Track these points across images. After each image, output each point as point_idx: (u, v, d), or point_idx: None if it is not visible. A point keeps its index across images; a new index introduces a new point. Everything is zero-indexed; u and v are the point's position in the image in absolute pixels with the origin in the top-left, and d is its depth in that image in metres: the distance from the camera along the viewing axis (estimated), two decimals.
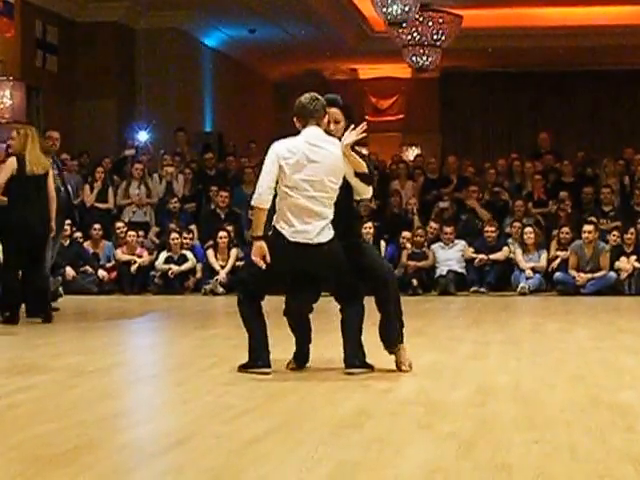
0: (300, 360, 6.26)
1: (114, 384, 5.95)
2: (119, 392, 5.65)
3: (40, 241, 9.41)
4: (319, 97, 6.03)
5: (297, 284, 6.16)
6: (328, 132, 6.05)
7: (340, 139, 5.99)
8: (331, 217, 5.95)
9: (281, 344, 6.32)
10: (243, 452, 3.96)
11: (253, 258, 5.99)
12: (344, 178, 5.99)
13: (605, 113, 22.38)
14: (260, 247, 5.94)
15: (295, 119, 6.07)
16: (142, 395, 5.72)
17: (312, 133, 5.97)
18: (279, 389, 5.52)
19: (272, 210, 6.03)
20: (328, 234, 5.94)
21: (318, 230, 5.90)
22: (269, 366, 6.00)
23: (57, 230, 9.97)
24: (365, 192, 6.13)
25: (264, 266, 5.93)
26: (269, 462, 3.81)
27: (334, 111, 6.10)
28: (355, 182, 6.02)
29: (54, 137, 10.42)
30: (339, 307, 6.14)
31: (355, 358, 5.98)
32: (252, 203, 6.02)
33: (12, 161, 9.43)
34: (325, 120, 6.03)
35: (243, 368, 6.06)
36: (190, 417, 4.77)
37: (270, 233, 6.03)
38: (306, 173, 5.89)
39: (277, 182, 5.95)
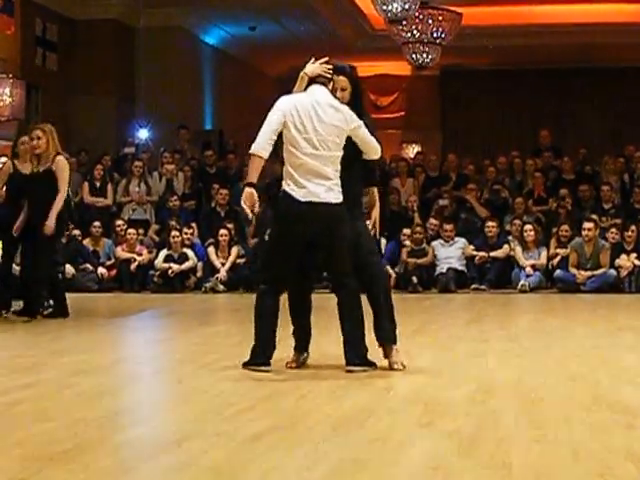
0: (301, 348, 6.20)
1: (114, 382, 5.94)
2: (119, 390, 5.65)
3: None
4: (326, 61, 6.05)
5: (303, 259, 6.02)
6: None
7: (346, 104, 6.01)
8: (338, 179, 5.89)
9: (280, 342, 6.30)
10: (244, 450, 3.96)
11: (242, 204, 6.00)
12: (352, 143, 5.96)
13: (605, 110, 22.37)
14: (251, 193, 5.95)
15: (299, 81, 6.08)
16: (143, 393, 5.72)
17: (318, 92, 5.97)
18: (280, 387, 5.51)
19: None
20: (338, 196, 5.87)
21: (326, 189, 5.84)
22: (269, 364, 5.95)
23: (60, 229, 9.96)
24: (374, 151, 6.10)
25: (250, 215, 6.00)
26: (270, 460, 3.81)
27: (341, 79, 6.11)
28: (362, 139, 6.00)
29: None
30: (335, 291, 6.06)
31: (355, 356, 5.93)
32: (250, 151, 5.95)
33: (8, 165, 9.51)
34: (330, 86, 6.04)
35: (245, 365, 6.01)
36: (191, 415, 4.77)
37: (280, 196, 5.98)
38: (312, 131, 5.85)
39: (282, 143, 5.88)
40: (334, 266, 6.04)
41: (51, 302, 10.49)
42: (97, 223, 14.11)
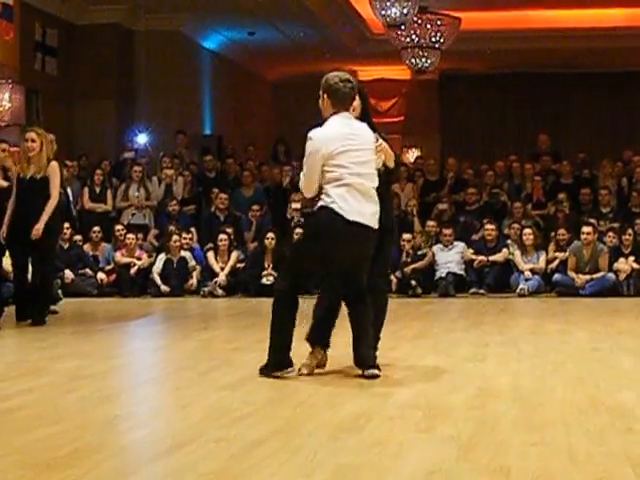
0: (325, 345, 6.18)
1: (114, 387, 5.95)
2: (119, 395, 5.65)
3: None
4: (351, 78, 6.01)
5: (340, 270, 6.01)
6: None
7: (356, 118, 6.05)
8: (377, 203, 5.92)
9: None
10: (243, 456, 3.96)
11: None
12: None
13: (603, 115, 22.39)
14: None
15: (325, 99, 6.00)
16: (141, 398, 5.72)
17: (346, 118, 5.95)
18: (279, 393, 5.52)
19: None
20: (377, 221, 5.91)
21: (371, 212, 5.88)
22: (292, 365, 5.92)
23: (56, 234, 9.97)
24: (391, 159, 6.22)
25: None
26: (269, 466, 3.82)
27: None
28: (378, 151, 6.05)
29: (49, 139, 10.37)
30: (347, 307, 6.04)
31: (371, 358, 5.90)
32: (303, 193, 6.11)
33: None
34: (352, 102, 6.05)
35: (265, 373, 5.92)
36: (189, 421, 4.77)
37: (321, 215, 5.92)
38: (353, 155, 5.85)
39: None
40: (358, 285, 6.00)
41: (55, 308, 10.54)
42: (96, 228, 14.11)
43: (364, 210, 5.84)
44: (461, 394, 5.37)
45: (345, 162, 5.83)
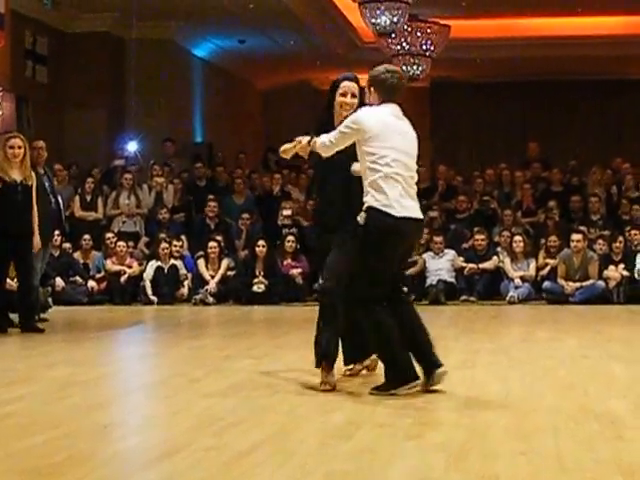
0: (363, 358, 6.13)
1: (104, 395, 5.95)
2: (109, 403, 5.65)
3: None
4: (398, 70, 5.89)
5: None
6: (345, 104, 6.05)
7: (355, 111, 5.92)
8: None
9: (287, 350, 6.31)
10: (233, 464, 3.97)
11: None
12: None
13: (593, 123, 22.45)
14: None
15: (372, 93, 5.83)
16: (132, 406, 5.72)
17: (394, 108, 5.78)
18: (269, 401, 5.52)
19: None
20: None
21: (417, 205, 5.75)
22: (418, 377, 5.62)
23: (46, 241, 9.98)
24: None
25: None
26: (259, 474, 3.82)
27: (354, 85, 6.15)
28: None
29: (39, 147, 10.36)
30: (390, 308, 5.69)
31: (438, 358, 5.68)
32: (315, 147, 5.75)
33: None
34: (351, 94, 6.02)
35: (385, 390, 5.57)
36: (180, 429, 4.77)
37: (365, 217, 5.57)
38: (399, 144, 5.67)
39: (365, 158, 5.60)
40: (397, 281, 5.84)
41: (45, 316, 10.54)
42: (87, 236, 14.10)
43: (410, 203, 5.70)
44: (451, 402, 5.38)
45: (391, 150, 5.60)
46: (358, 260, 5.63)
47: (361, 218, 5.57)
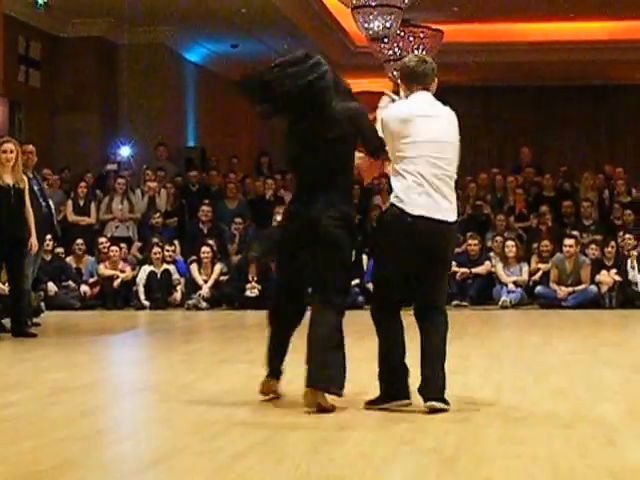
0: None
1: (97, 400, 5.94)
2: (102, 408, 5.65)
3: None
4: (427, 59, 5.60)
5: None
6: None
7: None
8: (454, 195, 5.34)
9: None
10: (226, 469, 3.97)
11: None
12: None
13: (585, 127, 22.51)
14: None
15: (401, 84, 5.57)
16: (125, 411, 5.72)
17: (424, 96, 5.48)
18: (262, 406, 5.52)
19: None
20: (455, 214, 5.31)
21: (447, 206, 5.27)
22: (409, 396, 5.32)
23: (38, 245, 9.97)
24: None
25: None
26: (252, 478, 3.83)
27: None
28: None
29: (28, 151, 10.33)
30: (419, 320, 5.61)
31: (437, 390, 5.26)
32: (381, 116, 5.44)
33: None
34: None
35: (374, 404, 5.30)
36: (173, 433, 4.78)
37: (385, 216, 5.45)
38: (430, 134, 5.36)
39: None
40: (432, 292, 5.60)
41: (38, 321, 10.52)
42: (80, 241, 14.09)
43: (435, 201, 5.29)
44: None
45: (420, 142, 5.34)
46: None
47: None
